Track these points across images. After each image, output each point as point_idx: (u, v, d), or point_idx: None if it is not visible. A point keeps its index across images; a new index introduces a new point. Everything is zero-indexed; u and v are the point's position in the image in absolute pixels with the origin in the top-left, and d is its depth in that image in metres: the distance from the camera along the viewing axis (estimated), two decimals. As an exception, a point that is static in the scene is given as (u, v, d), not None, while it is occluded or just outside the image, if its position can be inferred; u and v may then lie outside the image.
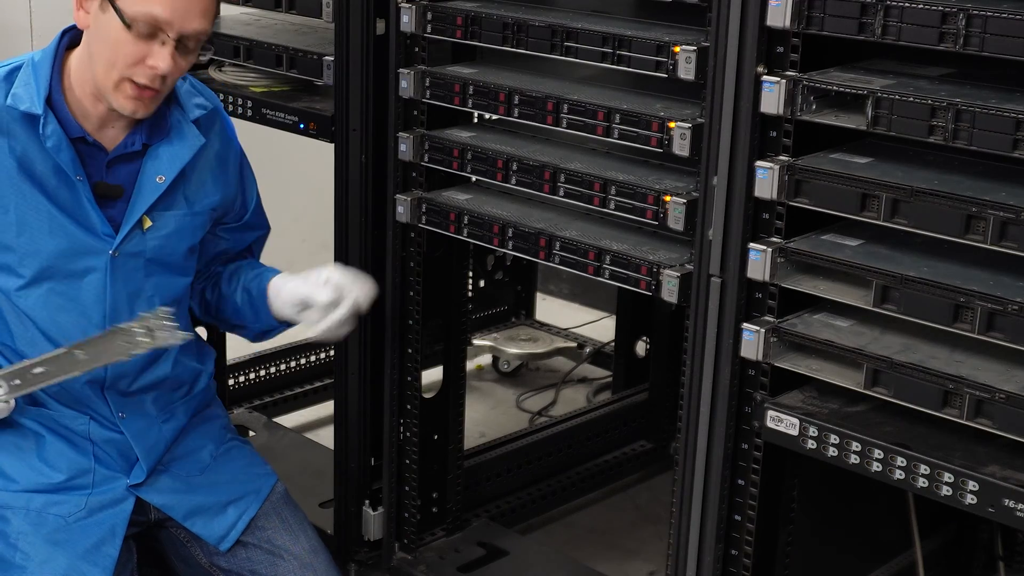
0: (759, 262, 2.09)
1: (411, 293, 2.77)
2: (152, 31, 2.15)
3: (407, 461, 2.88)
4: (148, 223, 2.32)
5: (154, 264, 2.34)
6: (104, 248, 2.28)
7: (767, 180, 2.05)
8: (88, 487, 2.35)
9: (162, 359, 2.40)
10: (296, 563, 2.43)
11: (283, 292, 2.44)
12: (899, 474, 1.98)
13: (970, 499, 1.91)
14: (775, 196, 2.05)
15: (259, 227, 2.59)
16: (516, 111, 2.44)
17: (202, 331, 2.88)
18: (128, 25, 2.15)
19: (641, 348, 3.88)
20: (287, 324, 2.50)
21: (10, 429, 2.35)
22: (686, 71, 2.14)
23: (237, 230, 2.53)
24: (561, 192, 2.41)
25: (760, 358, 2.11)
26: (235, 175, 2.48)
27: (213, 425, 2.54)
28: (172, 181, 2.32)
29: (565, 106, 2.36)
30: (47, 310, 2.28)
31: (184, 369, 2.47)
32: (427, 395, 2.91)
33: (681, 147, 2.18)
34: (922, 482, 1.95)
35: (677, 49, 2.15)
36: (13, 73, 2.26)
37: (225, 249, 2.54)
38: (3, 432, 2.35)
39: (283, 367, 3.93)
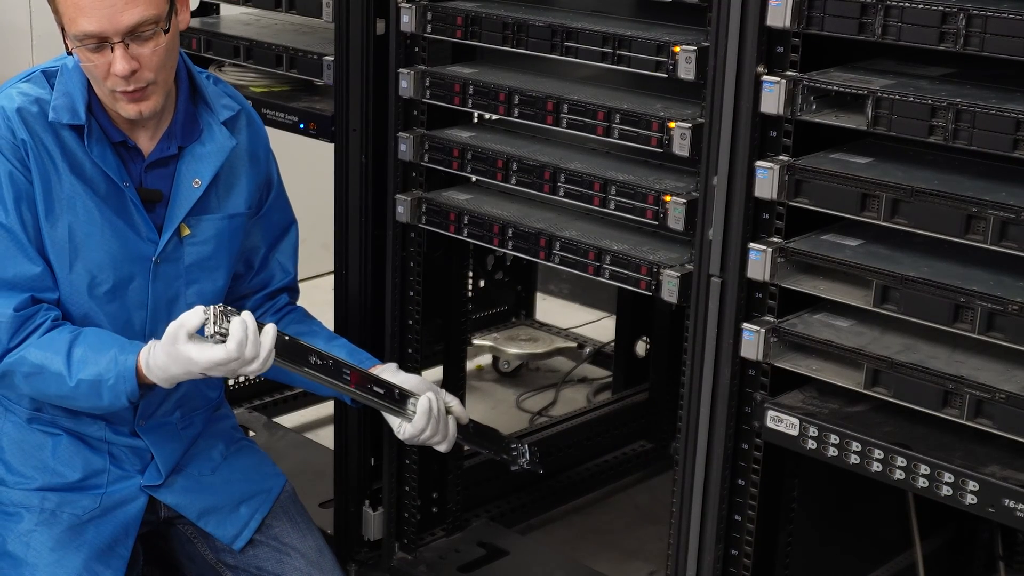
0: (759, 262, 2.09)
1: (411, 293, 2.77)
2: (97, 44, 2.12)
3: (407, 461, 2.88)
4: (186, 230, 2.32)
5: (193, 270, 2.33)
6: (148, 254, 2.28)
7: (767, 180, 2.05)
8: (102, 486, 2.36)
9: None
10: (303, 561, 2.44)
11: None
12: (899, 474, 1.98)
13: (970, 499, 1.91)
14: (775, 196, 2.05)
15: (283, 217, 2.54)
16: (516, 111, 2.44)
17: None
18: (80, 46, 2.13)
19: (641, 348, 3.88)
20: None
21: (25, 429, 2.36)
22: (686, 71, 2.14)
23: (264, 216, 2.49)
24: (561, 192, 2.40)
25: (760, 358, 2.11)
26: (264, 164, 2.47)
27: (223, 425, 2.55)
28: (207, 185, 2.31)
29: (565, 106, 2.36)
30: (95, 317, 2.28)
31: (209, 386, 2.49)
32: (427, 395, 2.90)
33: (681, 147, 2.18)
34: (922, 482, 1.95)
35: (677, 49, 2.15)
36: (52, 78, 2.25)
37: (255, 246, 2.49)
38: (19, 431, 2.36)
39: (283, 367, 3.92)
